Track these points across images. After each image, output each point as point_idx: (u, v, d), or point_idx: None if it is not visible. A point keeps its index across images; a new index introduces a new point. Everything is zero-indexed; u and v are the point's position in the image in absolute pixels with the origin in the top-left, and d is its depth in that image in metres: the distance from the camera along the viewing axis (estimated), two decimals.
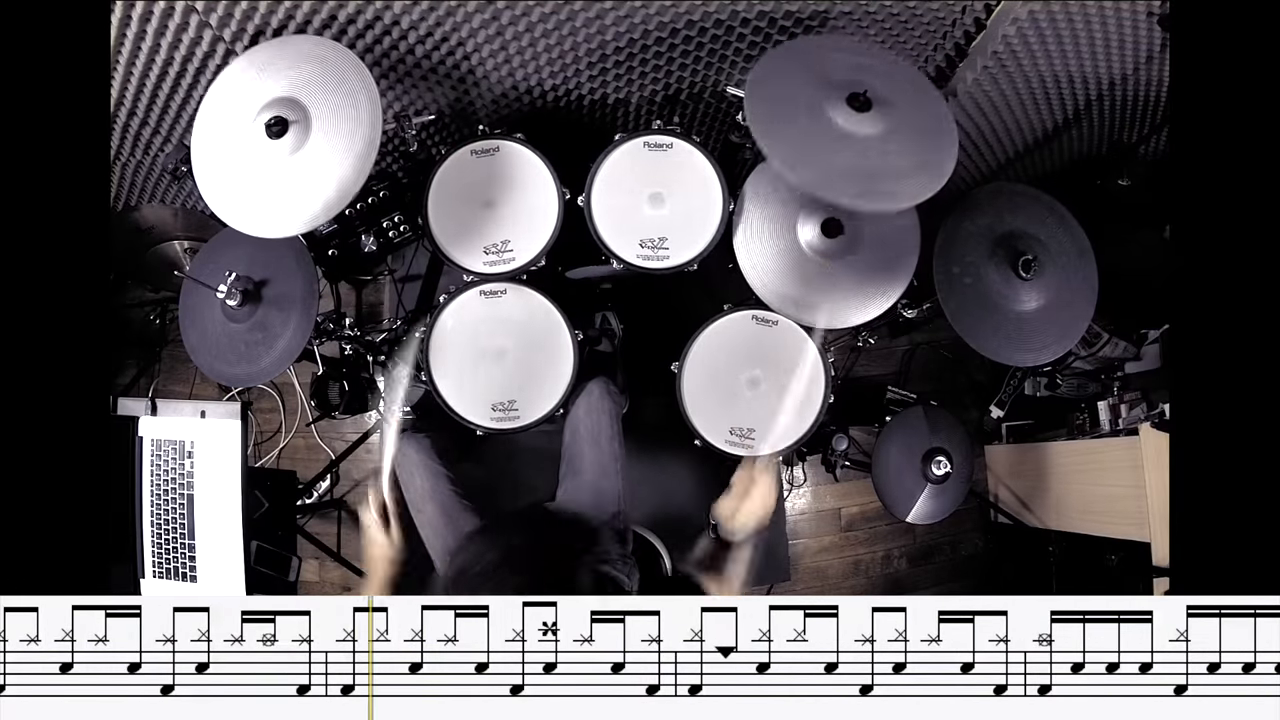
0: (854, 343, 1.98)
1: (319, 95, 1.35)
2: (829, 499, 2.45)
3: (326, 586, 2.29)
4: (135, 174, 1.97)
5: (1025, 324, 1.60)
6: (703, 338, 1.68)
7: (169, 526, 1.60)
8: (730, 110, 1.91)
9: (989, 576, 2.43)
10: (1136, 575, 1.82)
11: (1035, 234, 1.62)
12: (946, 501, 1.88)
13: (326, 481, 2.33)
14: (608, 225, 1.63)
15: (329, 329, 1.72)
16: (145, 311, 2.41)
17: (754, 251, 1.63)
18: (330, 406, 1.90)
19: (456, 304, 1.65)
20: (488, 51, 1.62)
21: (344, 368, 1.89)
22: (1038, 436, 2.38)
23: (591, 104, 1.85)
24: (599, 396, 1.60)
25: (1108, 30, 1.63)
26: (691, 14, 1.54)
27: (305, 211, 1.33)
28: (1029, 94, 1.83)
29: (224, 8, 1.44)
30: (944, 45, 1.72)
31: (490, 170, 1.66)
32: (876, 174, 1.31)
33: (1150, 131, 1.99)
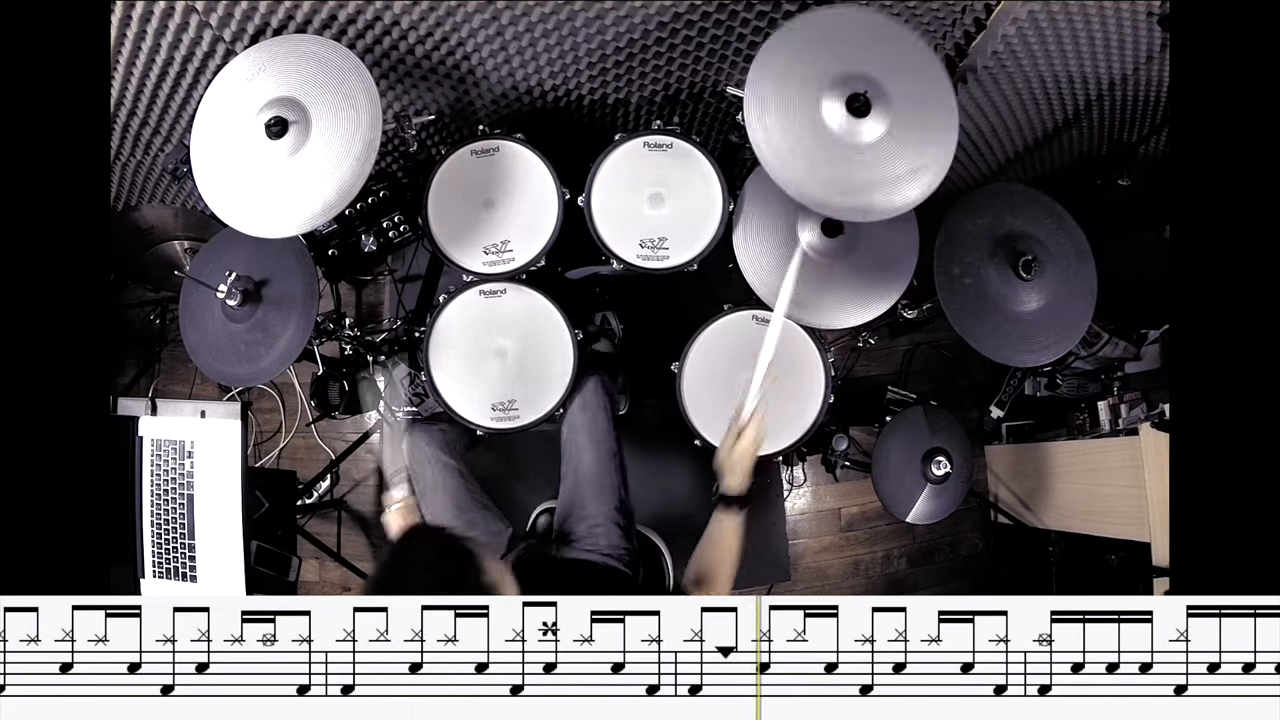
0: (854, 343, 1.98)
1: (319, 95, 1.35)
2: (829, 499, 2.45)
3: (326, 586, 2.29)
4: (135, 174, 1.97)
5: (1025, 324, 1.60)
6: (703, 338, 1.68)
7: (169, 526, 1.60)
8: (730, 110, 1.92)
9: (989, 576, 2.44)
10: (1136, 575, 1.82)
11: (1035, 234, 1.62)
12: (946, 501, 1.88)
13: (326, 481, 2.33)
14: (608, 225, 1.63)
15: (329, 329, 1.72)
16: (145, 311, 2.41)
17: (754, 251, 1.63)
18: (330, 406, 1.90)
19: (456, 304, 1.65)
20: (488, 51, 1.62)
21: (344, 368, 1.89)
22: (1038, 436, 2.38)
23: (591, 104, 1.85)
24: (593, 393, 1.61)
25: (1108, 30, 1.63)
26: (691, 14, 1.54)
27: (305, 212, 1.33)
28: (1029, 94, 1.83)
29: (224, 8, 1.44)
30: (944, 45, 1.72)
31: (490, 170, 1.66)
32: (875, 185, 1.32)
33: (1150, 131, 1.99)
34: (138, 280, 2.30)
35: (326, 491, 2.33)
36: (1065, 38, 1.63)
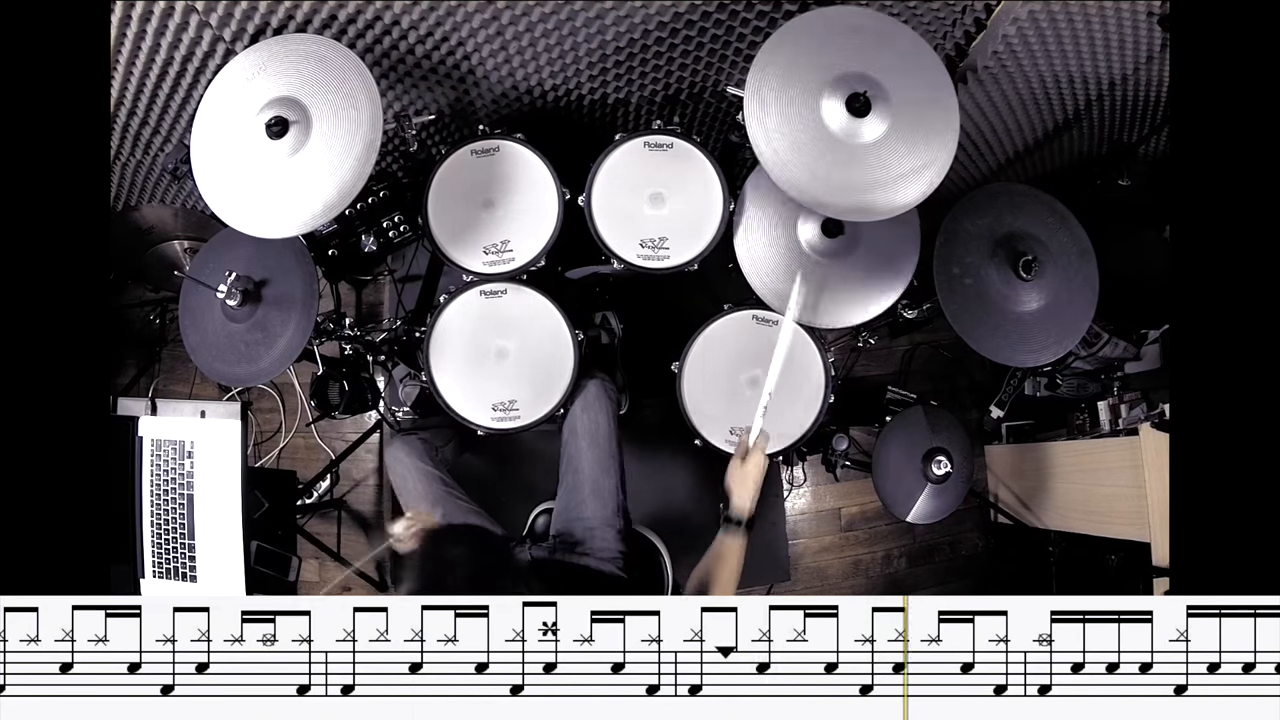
0: (854, 343, 1.98)
1: (319, 95, 1.35)
2: (829, 499, 2.45)
3: (326, 586, 2.29)
4: (135, 174, 1.97)
5: (1025, 324, 1.60)
6: (703, 338, 1.68)
7: (169, 526, 1.60)
8: (730, 110, 1.91)
9: (989, 576, 2.44)
10: (1136, 575, 1.82)
11: (1036, 234, 1.62)
12: (946, 501, 1.88)
13: (326, 481, 2.33)
14: (608, 225, 1.63)
15: (329, 329, 1.71)
16: (145, 311, 2.41)
17: (754, 251, 1.63)
18: (330, 406, 1.90)
19: (456, 304, 1.65)
20: (488, 51, 1.62)
21: (344, 368, 1.89)
22: (1038, 436, 2.38)
23: (591, 104, 1.85)
24: (595, 395, 1.60)
25: (1108, 30, 1.63)
26: (691, 14, 1.54)
27: (306, 212, 1.33)
28: (1029, 94, 1.83)
29: (224, 8, 1.44)
30: (944, 45, 1.72)
31: (490, 170, 1.66)
32: (874, 185, 1.32)
33: (1150, 131, 1.99)
34: (138, 280, 2.30)
35: (326, 491, 2.33)
36: (1065, 38, 1.63)
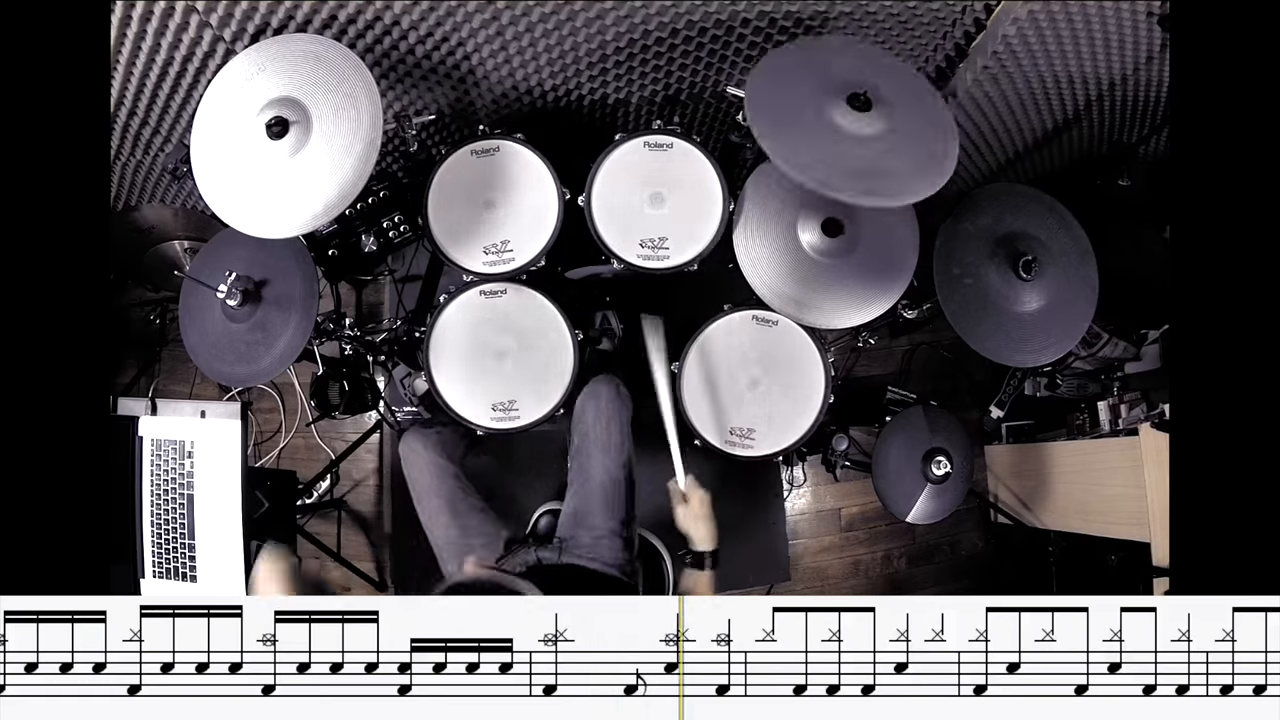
0: (854, 343, 1.98)
1: (319, 95, 1.35)
2: (829, 499, 2.45)
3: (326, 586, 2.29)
4: (135, 174, 1.97)
5: (1025, 324, 1.60)
6: (703, 338, 1.68)
7: (169, 526, 1.60)
8: (730, 110, 1.91)
9: (989, 576, 2.44)
10: (1136, 575, 1.82)
11: (1036, 234, 1.62)
12: (946, 501, 1.88)
13: (326, 481, 2.33)
14: (608, 225, 1.63)
15: (329, 329, 1.71)
16: (145, 311, 2.41)
17: (754, 251, 1.63)
18: (330, 406, 1.90)
19: (456, 304, 1.65)
20: (488, 51, 1.62)
21: (344, 368, 1.89)
22: (1038, 436, 2.38)
23: (591, 104, 1.85)
24: (608, 400, 1.57)
25: (1108, 30, 1.63)
26: (691, 14, 1.54)
27: (306, 212, 1.33)
28: (1029, 94, 1.83)
29: (224, 8, 1.44)
30: (944, 45, 1.72)
31: (490, 170, 1.66)
32: (879, 171, 1.31)
33: (1150, 131, 2.00)
34: (138, 280, 2.30)
35: (326, 491, 2.34)
36: (1065, 38, 1.63)
